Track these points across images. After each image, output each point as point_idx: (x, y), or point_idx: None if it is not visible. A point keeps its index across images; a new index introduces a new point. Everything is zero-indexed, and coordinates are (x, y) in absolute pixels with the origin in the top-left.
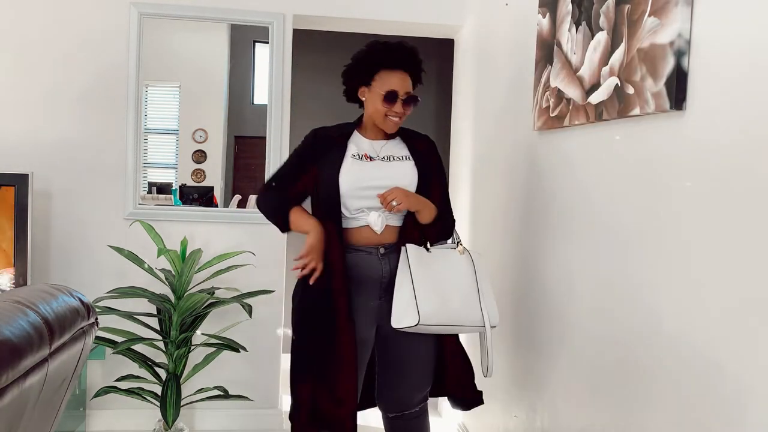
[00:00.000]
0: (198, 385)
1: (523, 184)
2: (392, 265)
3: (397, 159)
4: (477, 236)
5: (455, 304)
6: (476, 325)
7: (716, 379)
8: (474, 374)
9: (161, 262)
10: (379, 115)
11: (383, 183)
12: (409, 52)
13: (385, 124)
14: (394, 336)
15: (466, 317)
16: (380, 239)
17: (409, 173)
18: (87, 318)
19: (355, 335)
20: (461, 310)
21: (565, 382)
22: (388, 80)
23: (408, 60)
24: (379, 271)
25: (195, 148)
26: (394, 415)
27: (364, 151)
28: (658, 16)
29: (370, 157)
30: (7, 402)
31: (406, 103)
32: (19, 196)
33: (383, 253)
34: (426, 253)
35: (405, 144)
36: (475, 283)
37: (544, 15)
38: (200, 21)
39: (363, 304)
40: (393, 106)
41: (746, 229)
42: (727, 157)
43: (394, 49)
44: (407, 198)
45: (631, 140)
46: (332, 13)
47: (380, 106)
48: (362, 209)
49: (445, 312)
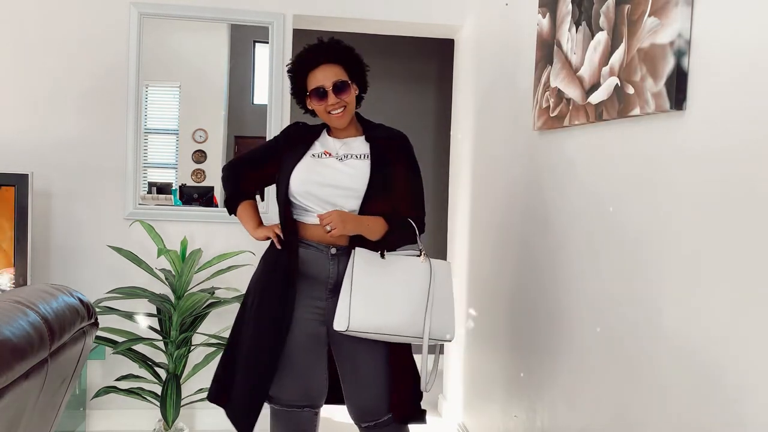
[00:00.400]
0: (198, 385)
1: (522, 184)
2: (341, 268)
3: (353, 157)
4: (476, 236)
5: (397, 313)
6: (420, 336)
7: (716, 379)
8: (415, 391)
9: (161, 262)
10: (323, 115)
11: (330, 182)
12: (329, 44)
13: (331, 120)
14: (343, 338)
15: (408, 328)
16: (333, 239)
17: (360, 174)
18: (87, 318)
19: (265, 327)
20: (403, 320)
21: (565, 382)
22: (314, 80)
23: (326, 52)
24: (326, 271)
25: (195, 148)
26: (367, 425)
27: (326, 149)
28: (658, 16)
29: (330, 155)
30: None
31: (339, 92)
32: (19, 196)
33: (334, 253)
34: (379, 259)
35: (368, 143)
36: (427, 293)
37: (544, 15)
38: (200, 21)
39: (309, 302)
40: (326, 101)
41: (746, 229)
42: (727, 157)
43: (312, 48)
44: (343, 223)
45: (631, 140)
46: (332, 13)
47: (316, 105)
48: (311, 208)
49: (381, 320)
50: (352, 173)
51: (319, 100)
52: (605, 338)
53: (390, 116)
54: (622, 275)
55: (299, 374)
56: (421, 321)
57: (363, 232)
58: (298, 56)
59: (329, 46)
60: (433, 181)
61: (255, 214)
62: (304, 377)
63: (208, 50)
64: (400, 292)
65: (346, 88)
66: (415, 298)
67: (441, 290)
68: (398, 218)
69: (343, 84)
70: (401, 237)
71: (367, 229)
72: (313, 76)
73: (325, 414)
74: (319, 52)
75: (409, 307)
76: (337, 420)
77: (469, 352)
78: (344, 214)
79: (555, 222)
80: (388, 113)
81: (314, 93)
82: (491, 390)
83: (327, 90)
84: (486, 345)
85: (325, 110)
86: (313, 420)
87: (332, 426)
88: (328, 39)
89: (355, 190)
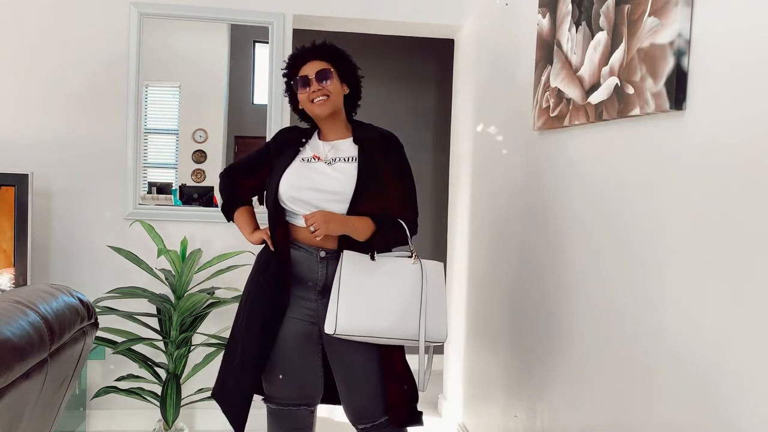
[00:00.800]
0: (198, 385)
1: (522, 184)
2: (330, 271)
3: (341, 161)
4: (476, 236)
5: (386, 315)
6: (411, 338)
7: (716, 379)
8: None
9: (161, 262)
10: (306, 104)
11: (318, 187)
12: (317, 44)
13: (314, 109)
14: (335, 340)
15: (399, 330)
16: (321, 242)
17: (347, 177)
18: (87, 318)
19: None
20: (392, 322)
21: (565, 382)
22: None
23: (314, 50)
24: (315, 273)
25: (195, 148)
26: (363, 427)
27: (315, 152)
28: (658, 16)
29: (319, 159)
30: (7, 402)
31: (321, 79)
32: (19, 196)
33: (323, 256)
34: (369, 261)
35: (356, 145)
36: (420, 295)
37: (544, 15)
38: (200, 21)
39: (300, 302)
40: (309, 88)
41: (746, 228)
42: (726, 156)
43: (301, 49)
44: (327, 224)
45: (631, 140)
46: (332, 13)
47: (300, 94)
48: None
49: (369, 323)
50: (340, 178)
51: (303, 89)
52: (605, 338)
53: (390, 116)
54: (622, 275)
55: (293, 373)
56: (411, 323)
57: (348, 232)
58: (290, 56)
59: (319, 45)
60: (433, 181)
61: (251, 220)
62: (298, 376)
63: (208, 50)
64: (390, 294)
65: (329, 76)
66: (405, 299)
67: (433, 291)
68: (386, 219)
69: (326, 72)
70: (391, 238)
71: (353, 229)
72: (301, 71)
73: (324, 414)
74: (309, 50)
75: (399, 309)
76: (337, 420)
77: (469, 352)
78: (328, 214)
79: (555, 222)
80: (387, 113)
81: (299, 83)
82: (491, 390)
83: (310, 78)
84: (486, 345)
85: (308, 98)
86: (309, 418)
87: (332, 426)
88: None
89: (344, 194)
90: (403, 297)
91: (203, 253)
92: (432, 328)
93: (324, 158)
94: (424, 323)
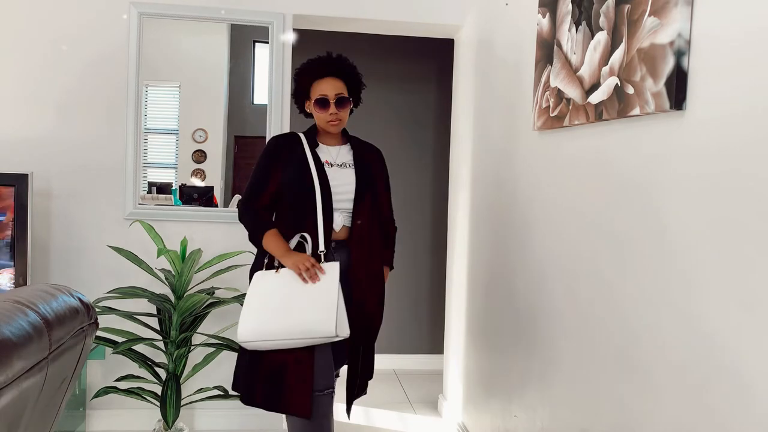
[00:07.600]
0: (198, 385)
1: (522, 184)
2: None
3: (344, 166)
4: (476, 236)
5: (295, 319)
6: (325, 336)
7: (716, 379)
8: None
9: (161, 262)
10: (320, 120)
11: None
12: (336, 59)
13: (328, 127)
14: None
15: (311, 331)
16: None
17: (351, 180)
18: (87, 318)
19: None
20: (304, 325)
21: (565, 382)
22: (319, 88)
23: (335, 66)
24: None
25: (195, 148)
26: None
27: (326, 157)
28: (658, 16)
29: (330, 163)
30: (7, 402)
31: (339, 105)
32: (19, 196)
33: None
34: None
35: (353, 152)
36: (333, 292)
37: (544, 15)
38: (200, 21)
39: None
40: (327, 110)
41: (746, 228)
42: (726, 157)
43: (322, 60)
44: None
45: (631, 140)
46: (332, 13)
47: (317, 112)
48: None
49: (273, 330)
50: (348, 180)
51: (321, 109)
52: (605, 338)
53: (390, 116)
54: (623, 275)
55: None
56: (327, 320)
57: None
58: (306, 64)
59: (336, 60)
60: (433, 181)
61: (281, 242)
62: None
63: (208, 50)
64: (308, 298)
65: (346, 104)
66: (318, 297)
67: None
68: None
69: (344, 100)
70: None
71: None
72: (318, 84)
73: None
74: (327, 64)
75: (314, 310)
76: (337, 420)
77: (468, 352)
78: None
79: (554, 222)
80: (387, 113)
81: (318, 102)
82: (491, 390)
83: (330, 101)
84: (486, 345)
85: (325, 119)
86: (331, 403)
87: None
88: (336, 54)
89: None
90: (312, 296)
91: (203, 253)
92: (315, 320)
93: (334, 162)
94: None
